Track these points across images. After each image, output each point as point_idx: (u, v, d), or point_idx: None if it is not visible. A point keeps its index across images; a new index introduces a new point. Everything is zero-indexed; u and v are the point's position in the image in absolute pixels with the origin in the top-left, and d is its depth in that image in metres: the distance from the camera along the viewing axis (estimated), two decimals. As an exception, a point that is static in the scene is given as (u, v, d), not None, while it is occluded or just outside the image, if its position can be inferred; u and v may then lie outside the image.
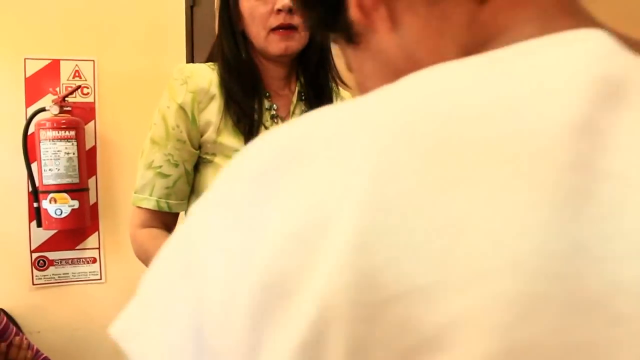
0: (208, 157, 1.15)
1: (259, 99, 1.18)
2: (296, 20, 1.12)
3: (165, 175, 1.14)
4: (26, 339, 1.46)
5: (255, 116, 1.16)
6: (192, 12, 2.06)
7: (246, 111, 1.15)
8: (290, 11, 1.10)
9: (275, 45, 1.13)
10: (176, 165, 1.15)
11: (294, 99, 1.22)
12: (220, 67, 1.17)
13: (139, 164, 1.18)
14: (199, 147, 1.16)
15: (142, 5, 2.05)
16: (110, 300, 2.02)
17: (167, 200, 1.16)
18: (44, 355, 1.50)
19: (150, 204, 1.15)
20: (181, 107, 1.14)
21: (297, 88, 1.23)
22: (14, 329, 1.47)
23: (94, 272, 2.03)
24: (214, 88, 1.16)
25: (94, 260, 2.03)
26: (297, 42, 1.15)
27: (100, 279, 2.04)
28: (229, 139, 1.14)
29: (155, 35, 2.05)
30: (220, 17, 1.19)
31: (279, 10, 1.10)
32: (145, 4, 2.05)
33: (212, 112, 1.15)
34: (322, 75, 1.24)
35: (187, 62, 2.05)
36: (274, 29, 1.12)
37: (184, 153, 1.15)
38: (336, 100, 1.28)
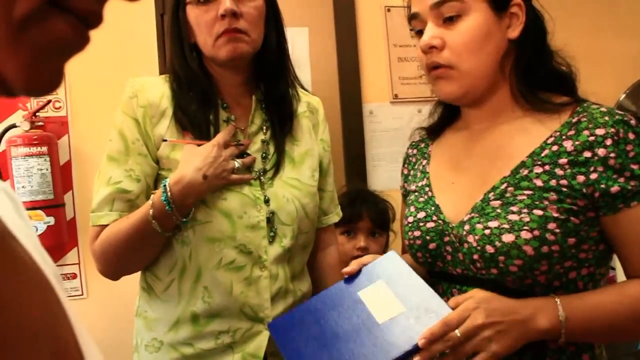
0: (164, 172, 1.12)
1: (215, 111, 1.15)
2: (242, 23, 1.09)
3: (126, 191, 1.10)
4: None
5: (212, 129, 1.13)
6: (163, 20, 2.04)
7: (199, 125, 1.12)
8: (234, 15, 1.07)
9: (223, 49, 1.09)
10: (138, 181, 1.11)
11: (253, 107, 1.19)
12: (171, 81, 1.15)
13: (95, 185, 1.14)
14: (157, 162, 1.13)
15: (111, 16, 2.01)
16: (92, 315, 1.99)
17: (129, 214, 1.11)
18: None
19: (111, 218, 1.10)
20: (136, 121, 1.11)
21: (255, 96, 1.20)
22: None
23: (75, 287, 2.00)
24: (166, 101, 1.13)
25: (75, 276, 2.00)
26: (246, 44, 1.11)
27: (82, 294, 2.01)
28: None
29: (126, 45, 2.02)
30: (169, 30, 1.16)
31: (223, 16, 1.07)
32: (114, 14, 2.02)
33: (165, 127, 1.12)
34: (280, 81, 1.21)
35: (160, 71, 2.02)
36: (220, 35, 1.09)
37: (145, 167, 1.11)
38: (298, 105, 1.25)
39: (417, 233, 0.99)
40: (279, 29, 1.20)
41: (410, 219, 1.02)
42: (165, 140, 1.11)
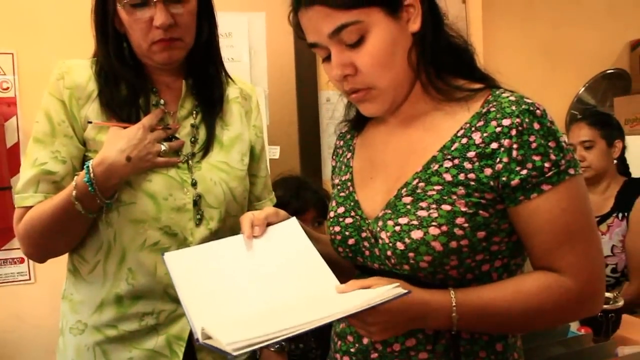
0: (90, 154, 1.11)
1: (145, 95, 1.15)
2: (177, 32, 1.09)
3: (51, 172, 1.10)
4: None
5: (141, 113, 1.13)
6: (115, 1, 2.00)
7: (127, 108, 1.12)
8: (170, 25, 1.07)
9: (159, 55, 1.11)
10: (64, 162, 1.10)
11: (183, 91, 1.18)
12: (96, 68, 1.14)
13: (21, 166, 1.13)
14: (84, 144, 1.12)
15: (63, -4, 1.98)
16: (40, 300, 1.97)
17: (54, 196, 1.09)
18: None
19: (36, 200, 1.09)
20: (62, 103, 1.10)
21: (186, 81, 1.19)
22: None
23: (22, 272, 1.98)
24: (92, 84, 1.12)
25: (22, 261, 1.98)
26: (181, 50, 1.13)
27: (30, 279, 1.99)
28: None
29: (77, 26, 1.98)
30: (95, 19, 1.13)
31: (158, 27, 1.07)
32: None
33: (93, 109, 1.11)
34: (210, 68, 1.21)
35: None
36: (155, 42, 1.09)
37: (71, 149, 1.11)
38: (229, 91, 1.25)
39: (337, 228, 1.00)
40: (210, 21, 1.20)
41: (332, 214, 1.02)
42: (91, 122, 1.10)
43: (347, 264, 1.04)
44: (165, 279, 1.11)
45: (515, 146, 0.85)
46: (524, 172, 0.84)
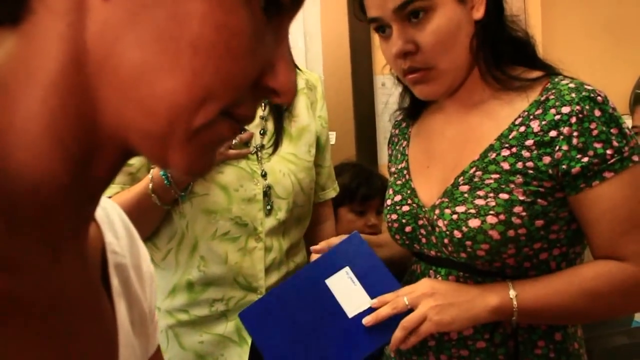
0: None
1: None
2: None
3: (128, 164, 1.14)
4: None
5: None
6: None
7: None
8: None
9: None
10: None
11: None
12: None
13: None
14: None
15: None
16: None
17: (130, 187, 1.15)
18: None
19: (113, 191, 1.15)
20: None
21: None
22: None
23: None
24: None
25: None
26: None
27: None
28: None
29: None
30: None
31: None
32: None
33: None
34: None
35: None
36: None
37: None
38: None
39: (394, 216, 1.01)
40: None
41: (389, 202, 1.04)
42: None
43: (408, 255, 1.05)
44: (235, 267, 1.15)
45: (575, 134, 0.84)
46: (585, 159, 0.83)
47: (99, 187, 0.38)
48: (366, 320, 0.88)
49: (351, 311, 0.91)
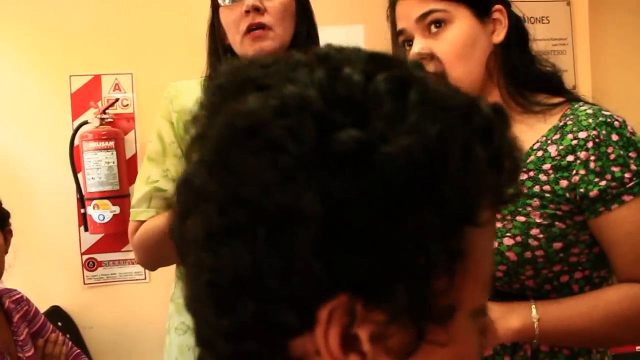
0: None
1: None
2: (267, 18, 1.11)
3: (162, 190, 1.18)
4: (61, 335, 1.60)
5: None
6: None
7: None
8: (257, 10, 1.10)
9: (249, 48, 1.12)
10: (173, 181, 1.17)
11: None
12: (205, 86, 1.22)
13: (136, 182, 1.24)
14: None
15: (175, 19, 2.15)
16: (154, 298, 2.14)
17: (165, 213, 1.21)
18: (77, 351, 1.62)
19: (149, 215, 1.19)
20: (172, 124, 1.20)
21: None
22: (51, 326, 1.61)
23: (138, 272, 2.16)
24: None
25: (139, 261, 2.16)
26: (271, 41, 1.13)
27: (145, 278, 2.17)
28: None
29: (189, 46, 2.14)
30: (207, 34, 1.23)
31: (247, 12, 1.10)
32: (178, 18, 2.15)
33: None
34: None
35: (218, 70, 2.13)
36: (246, 33, 1.12)
37: (180, 168, 1.19)
38: None
39: None
40: (309, 26, 1.22)
41: None
42: None
43: None
44: None
45: (592, 158, 0.84)
46: (603, 183, 0.83)
47: None
48: None
49: None
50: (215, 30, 1.20)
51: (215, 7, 1.20)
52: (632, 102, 2.16)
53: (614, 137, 0.85)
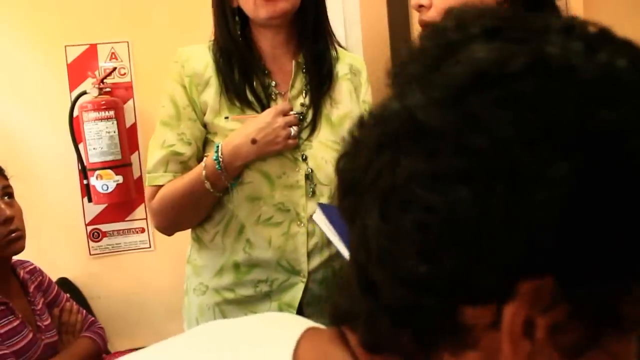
0: (210, 136, 1.21)
1: (258, 77, 1.21)
2: None
3: (179, 153, 1.19)
4: (76, 304, 1.62)
5: (250, 97, 1.20)
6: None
7: (240, 93, 1.19)
8: None
9: (263, 9, 1.13)
10: (189, 144, 1.20)
11: (293, 71, 1.24)
12: (214, 50, 1.22)
13: (149, 148, 1.24)
14: (205, 126, 1.22)
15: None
16: (160, 266, 2.16)
17: (183, 175, 1.19)
18: (92, 319, 1.65)
19: (166, 179, 1.20)
20: (185, 88, 1.20)
21: (295, 60, 1.23)
22: (65, 296, 1.62)
23: (143, 241, 2.18)
24: (210, 70, 1.20)
25: (143, 230, 2.17)
26: (285, 2, 1.14)
27: (150, 247, 2.19)
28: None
29: (185, 13, 2.11)
30: None
31: None
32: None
33: (210, 95, 1.19)
34: (320, 40, 1.24)
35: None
36: None
37: (195, 131, 1.20)
38: (338, 67, 1.30)
39: None
40: None
41: None
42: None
43: None
44: (279, 251, 1.20)
45: None
46: None
47: None
48: None
49: None
50: None
51: None
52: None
53: None
